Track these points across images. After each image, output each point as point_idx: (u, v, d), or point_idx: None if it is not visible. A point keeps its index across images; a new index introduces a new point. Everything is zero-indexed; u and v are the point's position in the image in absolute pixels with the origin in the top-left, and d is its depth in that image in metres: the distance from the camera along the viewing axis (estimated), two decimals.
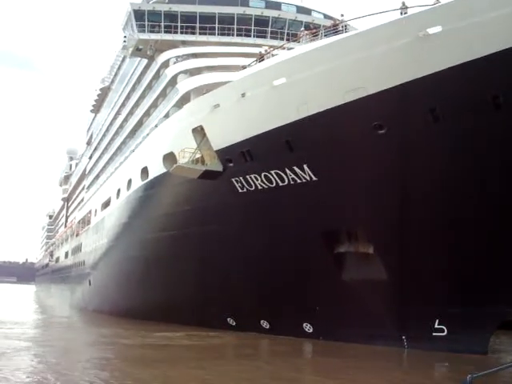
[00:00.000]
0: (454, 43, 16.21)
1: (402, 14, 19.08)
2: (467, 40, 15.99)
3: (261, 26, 32.89)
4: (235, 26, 32.79)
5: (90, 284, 48.71)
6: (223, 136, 23.74)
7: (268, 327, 24.86)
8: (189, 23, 33.52)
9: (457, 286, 18.97)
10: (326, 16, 34.06)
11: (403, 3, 19.64)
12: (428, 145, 17.74)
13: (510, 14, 15.12)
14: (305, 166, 20.78)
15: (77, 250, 61.44)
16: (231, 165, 23.63)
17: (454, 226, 18.41)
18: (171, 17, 33.77)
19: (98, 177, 56.09)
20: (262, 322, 25.01)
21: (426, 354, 19.15)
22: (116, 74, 54.63)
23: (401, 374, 16.49)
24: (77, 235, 63.65)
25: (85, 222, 58.41)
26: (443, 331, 19.88)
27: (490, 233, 18.09)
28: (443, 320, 19.77)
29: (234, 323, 26.51)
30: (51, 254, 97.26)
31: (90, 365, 16.88)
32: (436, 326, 19.96)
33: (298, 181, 21.27)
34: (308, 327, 23.37)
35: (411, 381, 15.12)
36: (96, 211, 50.52)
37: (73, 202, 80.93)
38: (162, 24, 33.97)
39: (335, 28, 23.12)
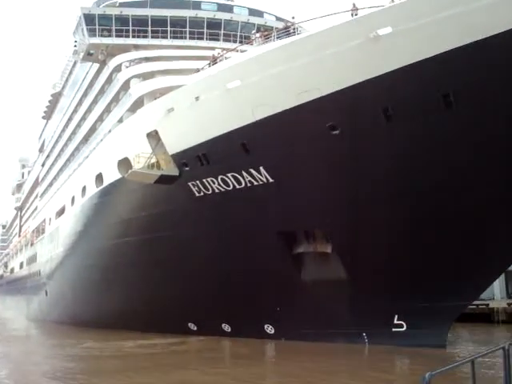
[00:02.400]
0: (404, 44, 16.45)
1: (352, 15, 19.30)
2: (417, 40, 16.25)
3: (213, 29, 32.81)
4: (188, 29, 32.61)
5: (46, 294, 47.66)
6: (178, 140, 23.55)
7: (229, 330, 24.79)
8: (141, 27, 33.14)
9: (414, 283, 19.28)
10: (278, 18, 34.21)
11: (354, 5, 19.87)
12: (381, 145, 17.96)
13: (456, 15, 15.44)
14: (261, 168, 20.80)
15: (32, 259, 60.07)
16: (187, 169, 23.46)
17: (408, 224, 18.72)
18: (122, 20, 33.33)
19: (51, 184, 54.89)
20: (223, 325, 24.93)
21: (386, 349, 19.43)
22: (67, 80, 53.68)
23: (362, 371, 16.63)
24: (31, 245, 62.25)
25: (39, 231, 57.12)
26: (402, 327, 20.22)
27: (444, 230, 18.42)
28: (402, 316, 20.10)
29: (195, 328, 26.35)
30: (5, 265, 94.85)
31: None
32: (395, 321, 20.28)
33: (255, 183, 21.28)
34: (270, 328, 23.42)
35: (372, 379, 15.22)
36: (50, 220, 49.49)
37: (26, 211, 79.01)
38: (114, 28, 33.47)
39: (287, 30, 23.24)
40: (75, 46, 36.67)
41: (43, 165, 63.50)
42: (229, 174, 21.81)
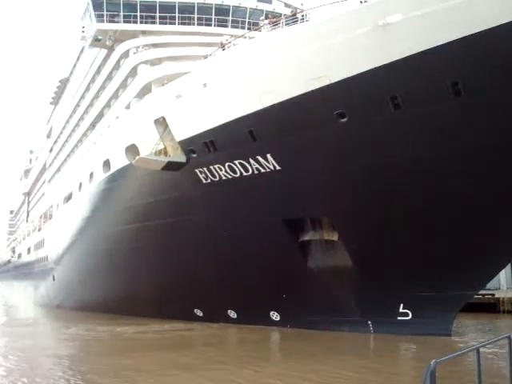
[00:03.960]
0: (413, 32, 16.32)
1: (361, 2, 19.10)
2: (426, 28, 16.13)
3: (221, 15, 32.59)
4: (196, 16, 32.42)
5: (53, 279, 47.96)
6: (186, 126, 23.54)
7: (235, 317, 24.92)
8: (148, 12, 32.97)
9: (420, 271, 19.28)
10: (286, 5, 33.94)
11: None
12: (389, 133, 17.90)
13: (466, 3, 15.31)
14: (268, 156, 20.77)
15: (39, 245, 60.37)
16: (194, 155, 23.47)
17: (416, 211, 18.68)
18: (130, 6, 33.16)
19: (58, 170, 55.04)
20: (229, 311, 25.05)
21: (391, 337, 19.50)
22: (75, 65, 53.47)
23: (368, 359, 16.68)
24: (39, 230, 62.49)
25: (47, 216, 57.33)
26: (408, 315, 20.26)
27: (452, 218, 18.40)
28: (407, 304, 20.14)
29: (201, 314, 26.50)
30: (13, 250, 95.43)
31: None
32: (401, 310, 20.33)
33: (262, 170, 21.27)
34: (275, 315, 23.52)
35: (378, 366, 15.25)
36: (58, 205, 49.67)
37: (34, 197, 79.36)
38: (121, 13, 33.32)
39: (295, 17, 23.05)
40: (83, 31, 36.47)
41: (51, 150, 63.59)
42: (236, 161, 21.80)
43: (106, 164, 31.14)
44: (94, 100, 41.68)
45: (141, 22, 33.08)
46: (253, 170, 21.54)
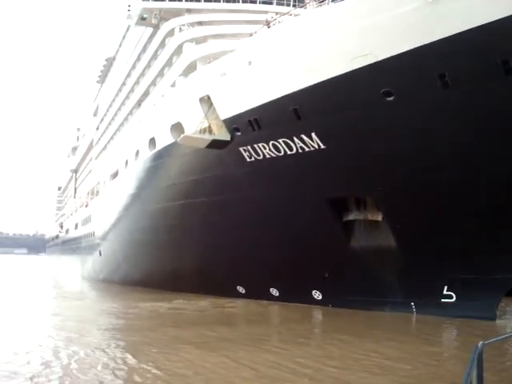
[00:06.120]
0: (463, 8, 15.89)
1: None
2: (477, 4, 15.68)
3: None
4: None
5: (100, 254, 49.10)
6: (230, 105, 23.60)
7: (277, 295, 25.11)
8: None
9: (466, 253, 19.00)
10: None
11: None
12: (437, 111, 17.56)
13: None
14: (313, 134, 20.66)
15: (86, 220, 61.73)
16: (239, 134, 23.54)
17: (463, 192, 18.36)
18: None
19: (105, 148, 56.07)
20: (271, 289, 25.25)
21: (434, 319, 19.34)
22: (121, 44, 54.06)
23: (411, 340, 16.61)
24: (86, 206, 63.88)
25: (93, 192, 58.53)
26: (452, 297, 20.06)
27: (499, 200, 18.00)
28: (452, 287, 19.92)
29: (244, 291, 26.78)
30: (61, 226, 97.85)
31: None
32: (444, 292, 20.12)
33: (306, 149, 21.18)
34: (317, 294, 23.60)
35: (423, 348, 15.17)
36: (105, 182, 50.67)
37: (81, 174, 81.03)
38: None
39: None
40: (129, 10, 36.70)
41: (97, 128, 64.66)
42: (280, 140, 21.77)
43: (152, 142, 31.55)
44: (140, 78, 42.10)
45: (186, 0, 33.10)
46: (297, 149, 21.47)
